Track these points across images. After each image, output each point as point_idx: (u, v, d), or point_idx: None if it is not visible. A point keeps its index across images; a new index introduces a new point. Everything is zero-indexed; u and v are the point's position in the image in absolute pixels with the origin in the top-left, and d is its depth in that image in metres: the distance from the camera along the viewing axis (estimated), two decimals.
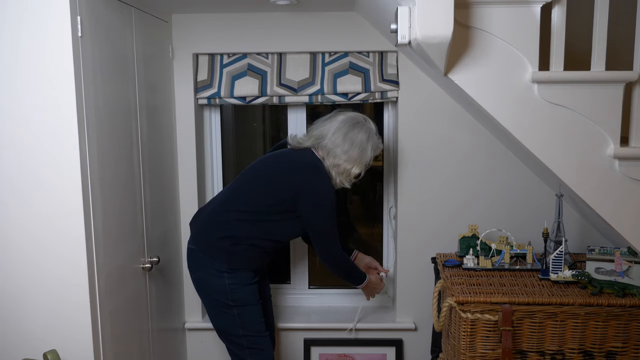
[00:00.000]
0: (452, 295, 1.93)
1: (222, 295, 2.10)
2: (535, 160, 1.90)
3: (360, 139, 2.08)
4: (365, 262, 2.45)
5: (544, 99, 1.80)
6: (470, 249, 2.26)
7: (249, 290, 2.13)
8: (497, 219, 2.48)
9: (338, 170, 2.09)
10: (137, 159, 2.09)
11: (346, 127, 2.08)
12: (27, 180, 1.64)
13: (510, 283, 2.05)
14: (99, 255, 1.76)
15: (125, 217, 1.99)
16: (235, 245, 2.08)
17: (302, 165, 2.08)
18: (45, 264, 1.67)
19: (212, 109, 2.69)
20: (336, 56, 2.49)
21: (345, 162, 2.08)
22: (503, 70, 1.79)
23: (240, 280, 2.10)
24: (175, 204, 2.56)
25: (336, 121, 2.11)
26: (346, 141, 2.07)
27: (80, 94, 1.65)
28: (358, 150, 2.08)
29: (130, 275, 2.03)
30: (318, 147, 2.11)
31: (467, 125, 2.48)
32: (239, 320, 2.12)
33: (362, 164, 2.11)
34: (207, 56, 2.52)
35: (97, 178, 1.74)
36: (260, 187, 2.10)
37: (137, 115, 2.08)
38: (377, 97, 2.48)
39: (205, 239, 2.13)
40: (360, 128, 2.09)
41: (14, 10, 1.58)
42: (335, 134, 2.08)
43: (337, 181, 2.11)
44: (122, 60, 1.97)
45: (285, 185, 2.06)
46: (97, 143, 1.75)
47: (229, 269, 2.09)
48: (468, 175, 2.52)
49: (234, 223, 2.08)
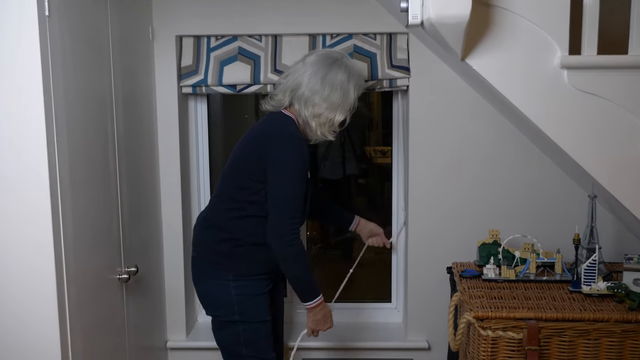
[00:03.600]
0: (471, 310, 1.93)
1: (227, 309, 2.08)
2: (565, 156, 1.90)
3: (341, 80, 2.02)
4: (369, 228, 2.43)
5: (575, 86, 1.80)
6: (491, 258, 2.25)
7: (258, 302, 2.09)
8: (522, 224, 2.48)
9: (319, 121, 2.04)
10: (113, 156, 2.09)
11: (323, 69, 2.02)
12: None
13: (537, 296, 2.05)
14: (69, 263, 1.76)
15: (100, 221, 1.99)
16: (238, 247, 2.06)
17: (263, 135, 2.05)
18: (8, 272, 1.68)
19: (197, 99, 2.70)
20: (339, 38, 2.49)
21: (327, 109, 2.03)
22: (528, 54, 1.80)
23: (249, 289, 2.07)
24: (156, 207, 2.56)
25: (309, 64, 2.05)
26: (325, 85, 2.01)
27: (48, 82, 1.65)
28: (339, 93, 2.02)
29: (105, 286, 2.03)
30: (293, 100, 2.05)
31: (487, 118, 2.48)
32: (243, 337, 2.09)
33: (346, 109, 2.06)
34: (192, 38, 2.52)
35: (67, 177, 1.75)
36: (236, 175, 2.08)
37: (112, 105, 2.08)
38: (385, 85, 2.48)
39: (204, 244, 2.13)
40: (338, 67, 2.04)
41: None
42: (312, 79, 2.02)
43: (319, 134, 2.06)
44: (95, 43, 1.97)
45: (254, 164, 2.02)
46: (68, 137, 1.75)
47: (235, 276, 2.07)
48: (488, 174, 2.52)
49: (231, 222, 2.07)
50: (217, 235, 2.09)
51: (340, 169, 4.19)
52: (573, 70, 1.79)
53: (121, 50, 2.15)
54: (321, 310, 2.09)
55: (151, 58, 2.49)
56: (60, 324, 1.71)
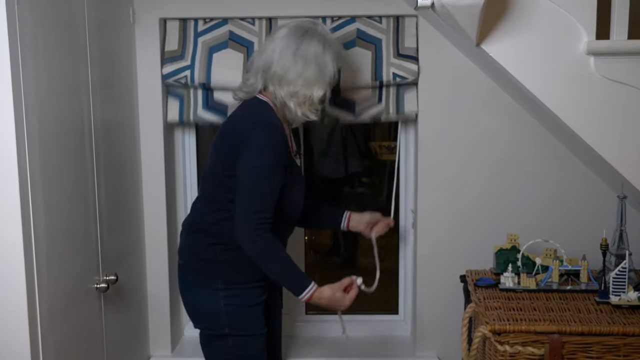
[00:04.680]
0: (486, 323, 1.93)
1: (215, 321, 2.08)
2: (591, 152, 1.89)
3: (315, 52, 2.00)
4: (365, 220, 2.35)
5: (602, 75, 1.80)
6: (509, 265, 2.25)
7: (251, 314, 2.09)
8: (543, 227, 2.48)
9: (298, 101, 2.02)
10: (90, 151, 2.09)
11: (294, 42, 2.01)
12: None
13: (560, 307, 2.05)
14: (41, 271, 1.75)
15: (75, 225, 1.98)
16: (225, 252, 2.05)
17: (234, 125, 2.05)
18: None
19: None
20: (340, 22, 2.48)
21: (303, 86, 2.01)
22: (551, 39, 1.79)
23: (240, 299, 2.07)
24: (138, 208, 2.56)
25: (279, 39, 2.04)
26: (298, 61, 1.99)
27: (17, 71, 1.64)
28: (315, 67, 2.00)
29: (81, 296, 2.03)
30: (267, 82, 2.05)
31: (505, 111, 2.48)
32: (234, 352, 2.09)
33: (325, 83, 2.03)
34: (177, 22, 2.52)
35: (38, 177, 1.74)
36: (214, 174, 2.08)
37: (89, 96, 2.08)
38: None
39: (190, 250, 2.13)
40: (311, 37, 2.02)
41: None
42: (283, 56, 2.01)
43: (300, 114, 2.04)
44: (70, 27, 1.96)
45: (227, 159, 2.01)
46: (39, 132, 1.75)
47: (224, 285, 2.06)
48: (506, 172, 2.52)
49: (216, 225, 2.07)
50: (203, 240, 2.08)
51: (342, 167, 4.18)
52: (601, 57, 1.78)
53: (99, 35, 2.14)
54: (321, 298, 2.03)
55: (132, 44, 2.48)
56: (31, 338, 1.70)
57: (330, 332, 2.80)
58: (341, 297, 2.05)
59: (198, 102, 2.52)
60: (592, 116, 1.79)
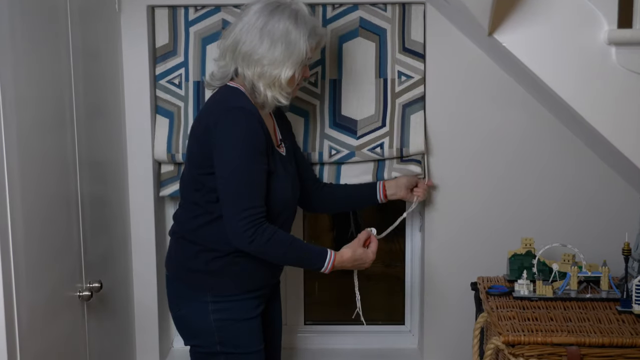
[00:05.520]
0: (499, 334, 1.93)
1: (205, 338, 2.07)
2: (612, 149, 1.89)
3: (282, 30, 1.99)
4: (403, 183, 2.33)
5: (624, 66, 1.80)
6: (524, 271, 2.26)
7: (245, 329, 2.07)
8: (561, 231, 2.48)
9: (265, 82, 2.02)
10: (72, 150, 2.09)
11: (263, 18, 2.00)
12: None
13: (579, 317, 2.05)
14: (20, 278, 1.74)
15: (56, 227, 1.98)
16: (214, 260, 2.05)
17: (202, 117, 2.05)
18: None
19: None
20: (342, 9, 2.49)
21: (270, 66, 2.00)
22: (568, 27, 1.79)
23: (232, 313, 2.06)
24: (124, 210, 2.56)
25: (249, 14, 2.03)
26: (264, 39, 1.99)
27: None
28: (282, 45, 1.99)
29: (63, 306, 2.02)
30: (236, 62, 2.05)
31: (520, 105, 2.48)
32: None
33: (294, 62, 2.01)
34: (166, 9, 2.52)
35: (16, 176, 1.74)
36: (189, 175, 2.09)
37: (71, 90, 2.08)
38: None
39: (176, 260, 2.14)
40: (281, 14, 2.00)
41: None
42: (249, 34, 2.00)
43: (269, 98, 2.03)
44: (50, 17, 1.96)
45: (199, 156, 2.02)
46: (18, 128, 1.74)
47: (214, 297, 2.06)
48: (521, 171, 2.52)
49: (200, 231, 2.07)
50: (189, 249, 2.09)
51: None
52: (623, 47, 1.78)
53: (81, 24, 2.14)
54: (343, 262, 2.05)
55: (117, 34, 2.48)
56: (8, 351, 1.69)
57: (331, 343, 2.81)
58: (363, 253, 2.08)
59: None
60: (613, 110, 1.79)
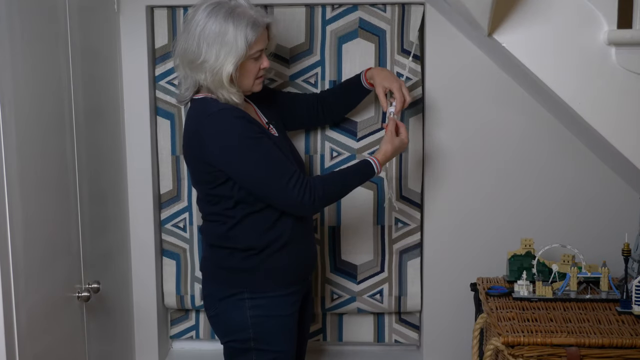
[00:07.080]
0: (499, 335, 1.93)
1: (240, 334, 2.05)
2: (611, 149, 1.89)
3: (216, 31, 1.95)
4: (384, 74, 2.21)
5: (624, 67, 1.80)
6: (524, 272, 2.26)
7: (279, 326, 2.06)
8: (560, 231, 2.48)
9: (214, 85, 1.99)
10: (71, 151, 2.09)
11: (200, 25, 1.97)
12: None
13: (578, 318, 2.05)
14: (19, 280, 1.74)
15: (55, 228, 1.98)
16: (248, 258, 2.05)
17: (188, 132, 2.07)
18: None
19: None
20: (341, 10, 2.49)
21: (211, 69, 1.97)
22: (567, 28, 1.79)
23: (268, 309, 2.05)
24: (123, 210, 2.56)
25: (190, 23, 2.01)
26: (201, 44, 1.96)
27: None
28: (217, 46, 1.96)
29: (62, 306, 2.02)
30: (191, 73, 2.04)
31: (519, 105, 2.48)
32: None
33: (233, 59, 1.97)
34: (165, 10, 2.51)
35: (15, 176, 1.73)
36: (203, 191, 2.11)
37: (70, 91, 2.08)
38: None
39: (211, 261, 2.14)
40: (215, 15, 1.97)
41: None
42: (189, 41, 1.99)
43: (226, 98, 2.01)
44: (49, 17, 1.96)
45: (198, 166, 2.04)
46: (16, 129, 1.74)
47: (251, 294, 2.05)
48: (521, 172, 2.52)
49: (229, 234, 2.06)
50: (222, 251, 2.10)
51: None
52: (622, 48, 1.78)
53: (80, 25, 2.14)
54: (386, 157, 2.09)
55: (116, 34, 2.48)
56: (7, 352, 1.69)
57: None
58: (399, 141, 2.12)
59: None
60: (613, 111, 1.79)
